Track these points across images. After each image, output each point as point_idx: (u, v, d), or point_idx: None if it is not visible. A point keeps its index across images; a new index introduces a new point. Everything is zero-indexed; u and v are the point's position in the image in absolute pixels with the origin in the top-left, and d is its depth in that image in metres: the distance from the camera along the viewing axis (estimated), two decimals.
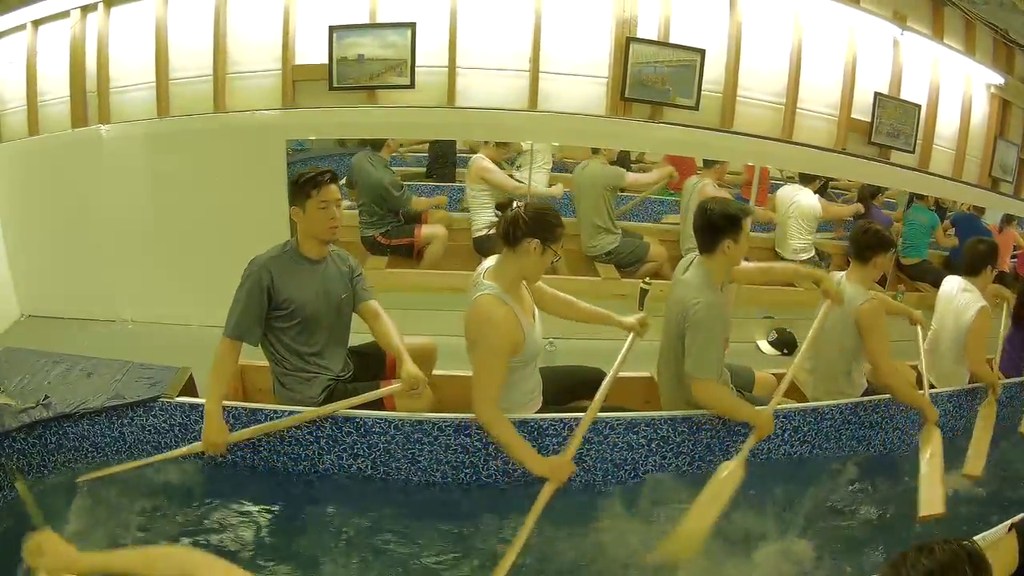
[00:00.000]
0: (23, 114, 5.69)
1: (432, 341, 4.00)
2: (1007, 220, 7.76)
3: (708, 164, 6.68)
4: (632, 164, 7.40)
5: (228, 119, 5.50)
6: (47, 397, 3.42)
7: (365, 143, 6.25)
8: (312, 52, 5.48)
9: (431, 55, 5.52)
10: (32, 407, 3.36)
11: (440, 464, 3.54)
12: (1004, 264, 7.66)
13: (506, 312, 3.32)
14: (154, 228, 5.59)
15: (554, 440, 3.56)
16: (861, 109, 6.26)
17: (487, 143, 6.41)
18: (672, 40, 5.74)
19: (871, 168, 6.39)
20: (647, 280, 6.19)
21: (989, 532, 3.00)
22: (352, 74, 5.45)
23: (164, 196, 5.53)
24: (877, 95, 6.26)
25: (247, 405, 3.50)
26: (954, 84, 6.62)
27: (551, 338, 3.72)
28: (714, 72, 5.85)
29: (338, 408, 3.47)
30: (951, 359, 4.70)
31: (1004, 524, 2.75)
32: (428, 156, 7.40)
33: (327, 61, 5.44)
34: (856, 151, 6.31)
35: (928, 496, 3.63)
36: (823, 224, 7.47)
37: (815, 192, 7.01)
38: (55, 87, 5.65)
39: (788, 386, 3.97)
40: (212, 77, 5.48)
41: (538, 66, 5.62)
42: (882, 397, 4.22)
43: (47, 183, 5.56)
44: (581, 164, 6.69)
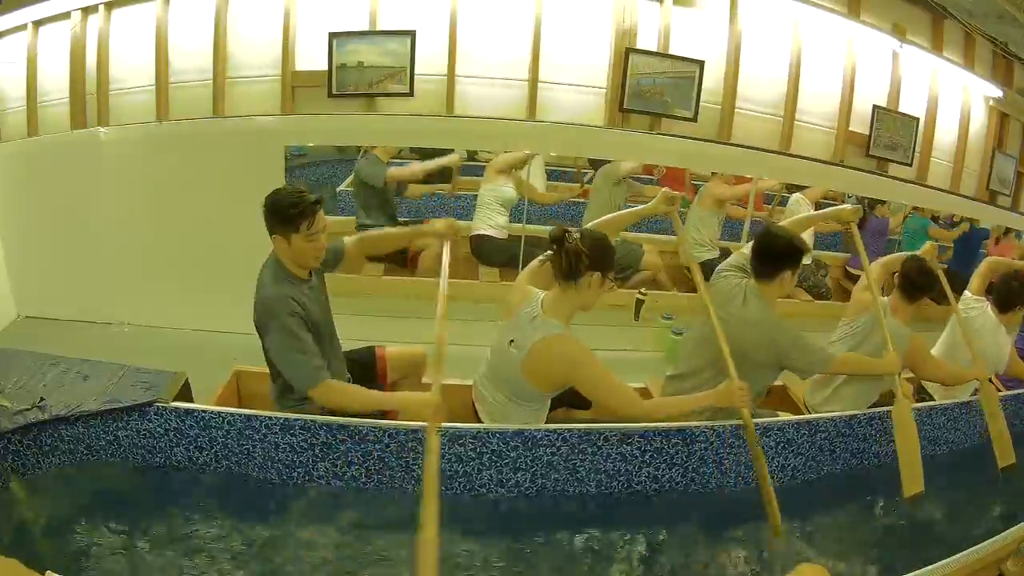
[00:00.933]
0: (23, 115, 5.68)
1: (422, 350, 4.00)
2: (1004, 232, 7.77)
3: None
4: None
5: (227, 124, 5.49)
6: (43, 399, 3.41)
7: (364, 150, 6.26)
8: (312, 58, 5.49)
9: (430, 63, 5.53)
10: (28, 409, 3.34)
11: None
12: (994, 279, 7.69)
13: (581, 347, 3.37)
14: (152, 231, 5.59)
15: (547, 450, 3.56)
16: (859, 121, 6.28)
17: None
18: (671, 51, 5.75)
19: (869, 181, 6.40)
20: (643, 291, 6.23)
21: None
22: (351, 81, 5.45)
23: (162, 200, 5.53)
24: (876, 107, 6.28)
25: (242, 411, 3.49)
26: (953, 97, 6.65)
27: None
28: (713, 83, 5.86)
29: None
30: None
31: None
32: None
33: (327, 68, 5.44)
34: (854, 163, 6.33)
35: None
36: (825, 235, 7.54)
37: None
38: (55, 88, 5.64)
39: (783, 400, 4.01)
40: (212, 81, 5.48)
41: (537, 76, 5.63)
42: (877, 410, 4.24)
43: (45, 184, 5.56)
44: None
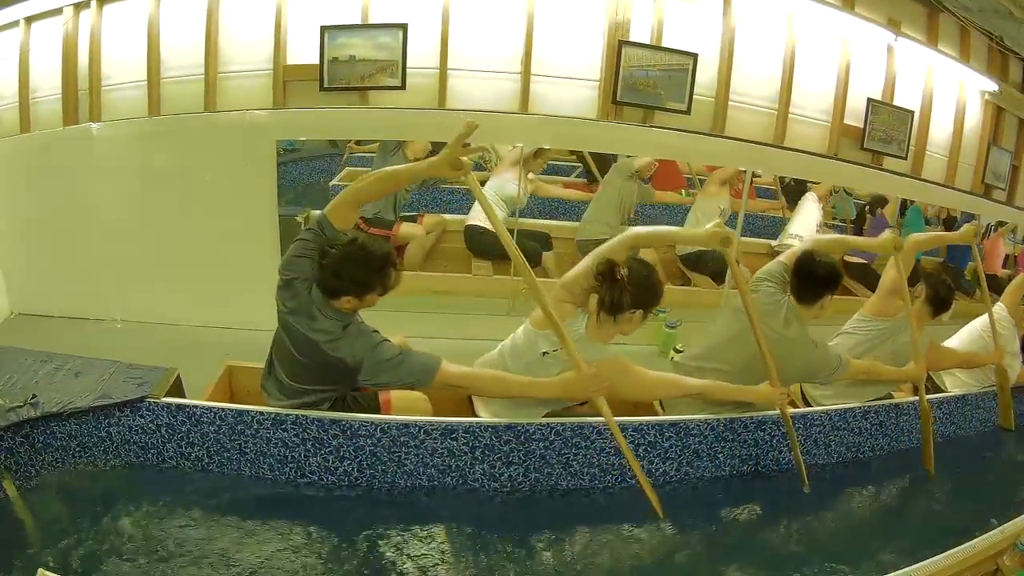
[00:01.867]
0: (15, 111, 5.65)
1: (405, 339, 3.98)
2: (996, 225, 7.78)
3: None
4: None
5: (219, 119, 5.46)
6: (35, 396, 3.40)
7: (359, 144, 6.23)
8: (303, 52, 5.46)
9: (422, 57, 5.49)
10: (20, 406, 3.34)
11: (426, 468, 3.53)
12: (994, 267, 7.70)
13: (623, 361, 3.55)
14: (144, 227, 5.56)
15: (540, 444, 3.56)
16: (854, 115, 6.27)
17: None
18: (665, 44, 5.72)
19: (863, 174, 6.39)
20: None
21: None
22: (343, 75, 5.43)
23: (154, 195, 5.50)
24: (870, 101, 6.26)
25: (234, 407, 3.49)
26: (948, 90, 6.64)
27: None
28: (706, 76, 5.83)
29: None
30: (975, 376, 5.08)
31: None
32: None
33: (318, 61, 5.41)
34: (848, 157, 6.31)
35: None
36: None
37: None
38: (47, 84, 5.61)
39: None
40: (203, 76, 5.46)
41: (530, 69, 5.60)
42: (871, 404, 4.26)
43: (37, 180, 5.53)
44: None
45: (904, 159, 6.50)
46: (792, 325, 3.91)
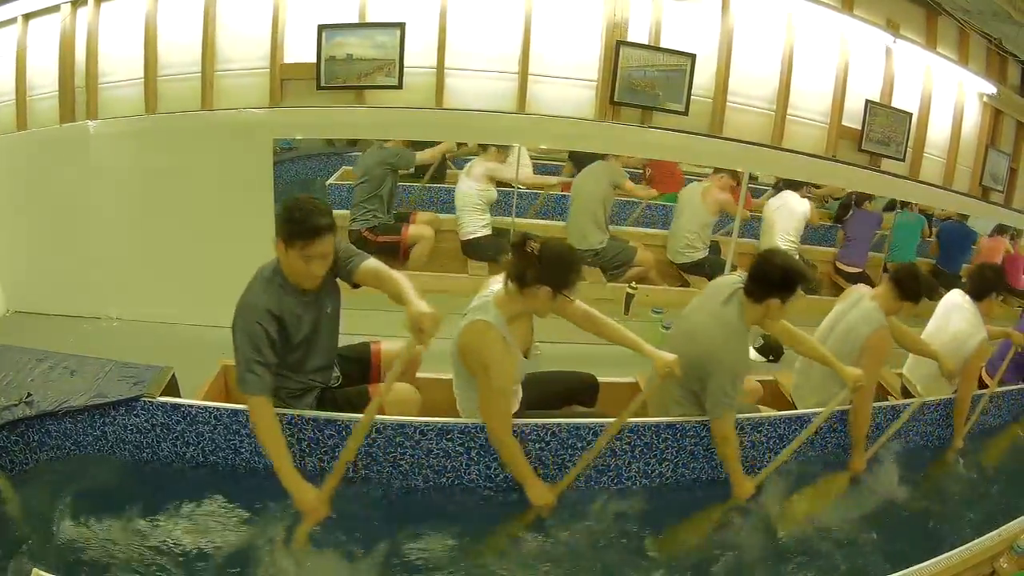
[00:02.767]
0: (11, 108, 5.65)
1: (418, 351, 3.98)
2: (1000, 230, 7.77)
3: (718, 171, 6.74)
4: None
5: (215, 117, 5.46)
6: (30, 395, 3.41)
7: (353, 143, 6.24)
8: (301, 51, 5.46)
9: (420, 56, 5.50)
10: (15, 404, 3.35)
11: (422, 468, 3.53)
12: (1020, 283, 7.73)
13: (501, 352, 3.32)
14: (140, 225, 5.57)
15: (535, 446, 3.55)
16: (852, 116, 6.27)
17: (487, 149, 6.48)
18: (663, 44, 5.72)
19: (861, 175, 6.39)
20: (633, 285, 6.23)
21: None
22: (340, 73, 5.43)
23: (151, 193, 5.50)
24: (868, 102, 6.26)
25: (229, 406, 3.49)
26: (946, 93, 6.64)
27: (537, 342, 3.68)
28: (704, 77, 5.84)
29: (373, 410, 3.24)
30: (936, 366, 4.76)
31: None
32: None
33: (315, 60, 5.41)
34: (846, 158, 6.31)
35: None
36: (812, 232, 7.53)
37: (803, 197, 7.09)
38: (44, 82, 5.61)
39: (773, 394, 4.00)
40: (200, 74, 5.45)
41: (527, 68, 5.60)
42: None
43: (34, 178, 5.53)
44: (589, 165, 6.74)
45: (902, 161, 6.51)
46: (730, 305, 3.78)
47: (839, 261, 7.52)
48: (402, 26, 5.38)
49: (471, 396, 3.52)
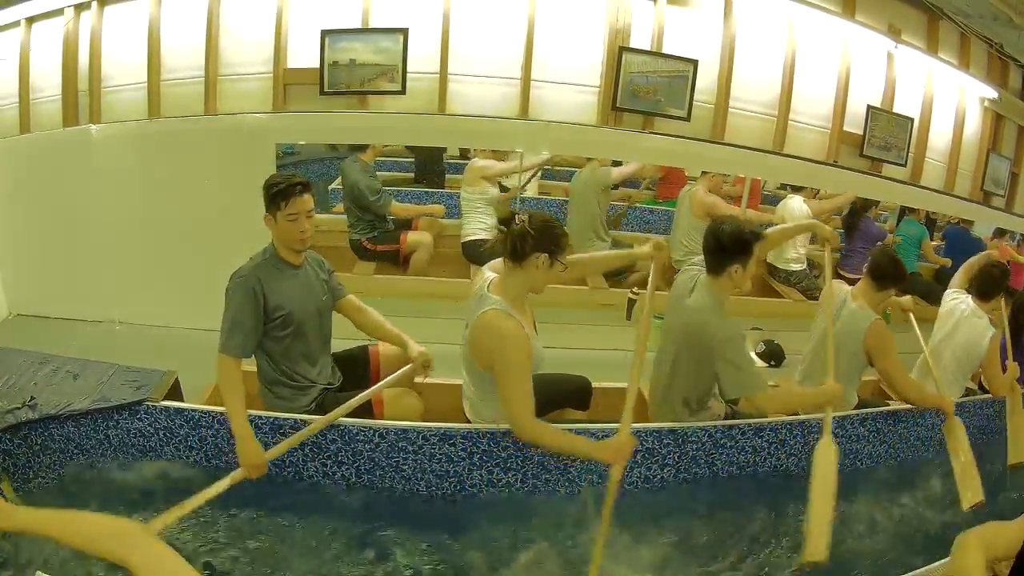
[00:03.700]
0: (15, 111, 5.66)
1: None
2: (999, 233, 7.77)
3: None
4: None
5: (219, 121, 5.48)
6: (33, 398, 3.42)
7: (355, 148, 6.24)
8: (304, 56, 5.47)
9: (423, 61, 5.51)
10: (18, 408, 3.36)
11: (424, 473, 3.53)
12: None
13: (516, 326, 3.30)
14: (143, 229, 5.58)
15: (538, 450, 3.55)
16: (853, 122, 6.27)
17: (483, 150, 6.47)
18: (665, 50, 5.73)
19: (863, 181, 6.39)
20: (635, 290, 6.21)
21: None
22: (343, 79, 5.44)
23: (153, 197, 5.52)
24: (870, 108, 6.27)
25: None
26: (947, 97, 6.65)
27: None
28: (706, 83, 5.84)
29: (352, 406, 3.45)
30: (950, 372, 4.76)
31: None
32: (415, 162, 7.40)
33: (319, 65, 5.42)
34: (848, 164, 6.32)
35: (968, 486, 3.90)
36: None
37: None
38: (47, 85, 5.63)
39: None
40: (204, 79, 5.47)
41: (530, 74, 5.61)
42: (868, 411, 4.25)
43: (37, 181, 5.54)
44: (576, 172, 6.72)
45: (903, 166, 6.51)
46: (694, 293, 3.81)
47: (840, 268, 7.51)
48: (405, 31, 5.39)
49: (487, 398, 3.52)
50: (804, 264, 7.00)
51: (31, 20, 5.56)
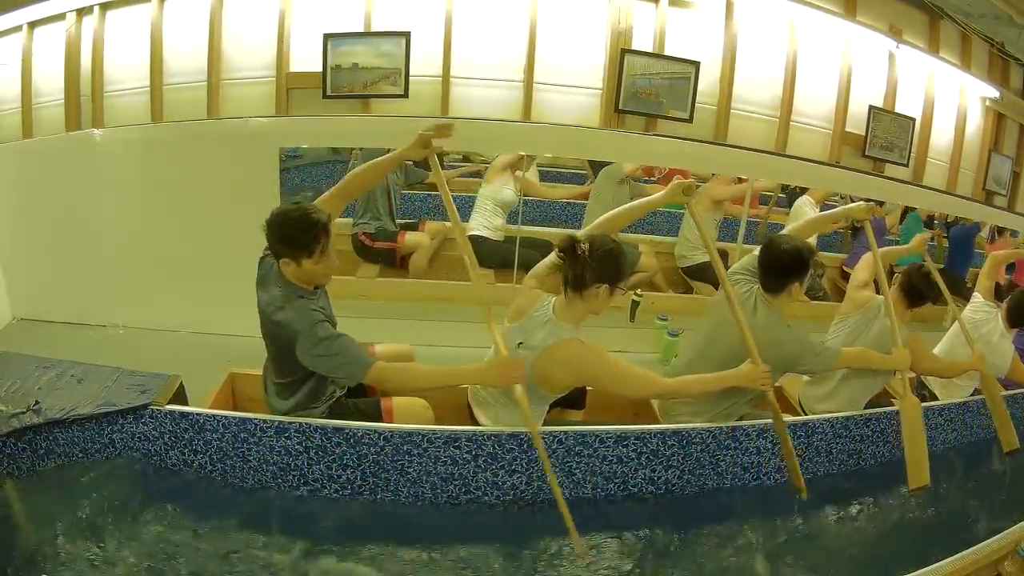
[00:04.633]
0: (17, 116, 5.66)
1: (411, 348, 3.99)
2: (999, 231, 7.78)
3: None
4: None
5: (221, 125, 5.46)
6: (37, 402, 3.42)
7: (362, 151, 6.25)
8: (306, 60, 5.46)
9: (425, 65, 5.51)
10: (23, 412, 3.35)
11: (429, 476, 3.53)
12: (1000, 276, 7.71)
13: (592, 348, 3.44)
14: (147, 233, 5.57)
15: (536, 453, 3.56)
16: (855, 122, 6.27)
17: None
18: (667, 52, 5.72)
19: (865, 181, 6.39)
20: (639, 292, 6.22)
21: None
22: (346, 82, 5.43)
23: (157, 201, 5.51)
24: (872, 108, 6.27)
25: (237, 414, 3.49)
26: (949, 97, 6.65)
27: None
28: (709, 84, 5.84)
29: None
30: (965, 377, 4.88)
31: None
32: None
33: (321, 69, 5.42)
34: (850, 164, 6.32)
35: (914, 470, 3.91)
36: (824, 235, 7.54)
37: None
38: (50, 89, 5.62)
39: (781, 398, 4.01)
40: (206, 83, 5.46)
41: (532, 77, 5.60)
42: (872, 412, 4.27)
43: (40, 186, 5.54)
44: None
45: (906, 166, 6.51)
46: (759, 312, 3.85)
47: (847, 266, 7.52)
48: (407, 35, 5.38)
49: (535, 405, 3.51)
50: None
51: (33, 25, 5.55)
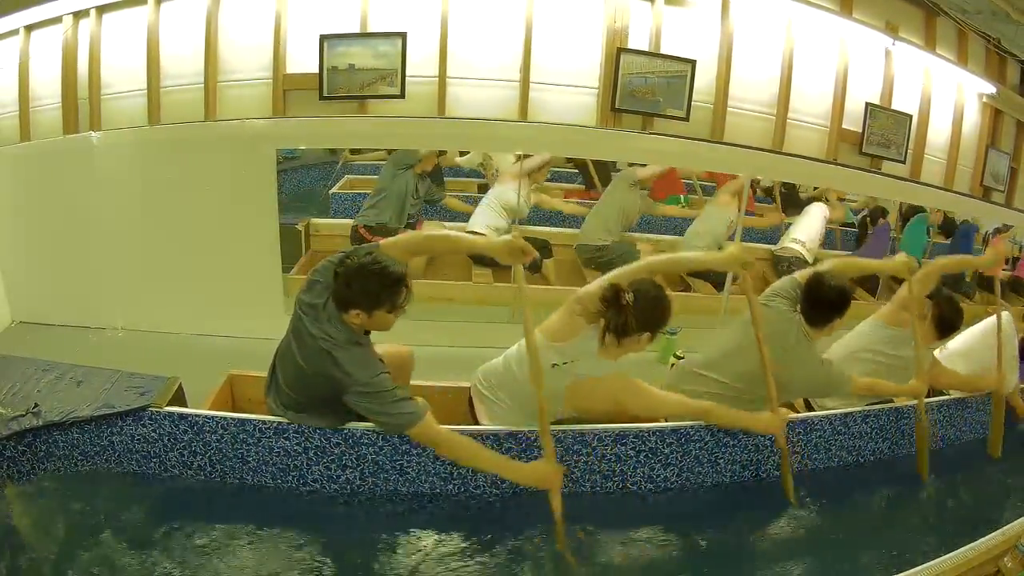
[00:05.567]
0: (15, 119, 5.67)
1: (410, 349, 3.98)
2: (997, 230, 7.77)
3: None
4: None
5: (219, 127, 5.47)
6: (37, 405, 3.42)
7: (356, 152, 6.25)
8: (303, 61, 5.47)
9: (421, 65, 5.51)
10: (22, 415, 3.35)
11: (429, 475, 3.53)
12: (997, 272, 7.70)
13: (632, 381, 3.60)
14: (145, 236, 5.57)
15: (542, 451, 3.55)
16: (852, 119, 6.28)
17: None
18: (663, 51, 5.73)
19: (862, 178, 6.39)
20: None
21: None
22: (343, 83, 5.44)
23: (155, 204, 5.51)
24: (868, 105, 6.27)
25: (236, 416, 3.49)
26: (946, 94, 6.65)
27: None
28: (705, 83, 5.85)
29: None
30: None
31: None
32: None
33: (318, 70, 5.42)
34: (847, 161, 6.32)
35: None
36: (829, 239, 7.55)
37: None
38: (47, 93, 5.63)
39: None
40: (203, 85, 5.47)
41: (528, 77, 5.61)
42: (871, 408, 4.27)
43: (38, 189, 5.54)
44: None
45: (903, 163, 6.51)
46: (802, 344, 3.97)
47: None
48: (404, 36, 5.39)
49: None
50: (812, 260, 6.92)
51: (30, 28, 5.56)
